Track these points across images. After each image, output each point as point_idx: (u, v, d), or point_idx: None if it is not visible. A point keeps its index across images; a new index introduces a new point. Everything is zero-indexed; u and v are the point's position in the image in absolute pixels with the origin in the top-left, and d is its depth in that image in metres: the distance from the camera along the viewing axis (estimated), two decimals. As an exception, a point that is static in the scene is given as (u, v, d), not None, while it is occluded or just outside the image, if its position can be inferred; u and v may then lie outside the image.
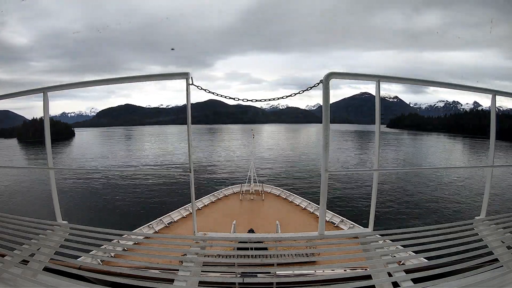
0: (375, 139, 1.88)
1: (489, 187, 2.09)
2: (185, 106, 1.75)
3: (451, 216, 13.40)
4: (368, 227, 1.93)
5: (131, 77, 1.89)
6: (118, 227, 2.00)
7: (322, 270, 2.29)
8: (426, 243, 1.71)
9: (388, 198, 15.82)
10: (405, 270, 1.47)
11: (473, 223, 1.99)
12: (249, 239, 1.90)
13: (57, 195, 2.07)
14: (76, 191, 18.34)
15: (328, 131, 1.76)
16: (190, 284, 1.43)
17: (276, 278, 1.93)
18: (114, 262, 2.91)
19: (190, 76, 1.71)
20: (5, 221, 2.04)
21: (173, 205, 12.97)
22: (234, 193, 9.42)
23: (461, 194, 17.64)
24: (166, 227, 6.61)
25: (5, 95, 2.12)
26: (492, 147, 2.08)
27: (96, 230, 1.89)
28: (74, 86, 2.02)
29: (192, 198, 1.87)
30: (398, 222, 12.38)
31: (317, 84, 1.80)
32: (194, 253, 1.70)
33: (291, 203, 8.41)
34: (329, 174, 1.78)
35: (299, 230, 5.91)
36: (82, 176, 21.48)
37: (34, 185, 19.41)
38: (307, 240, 1.91)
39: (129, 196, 17.12)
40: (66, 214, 2.10)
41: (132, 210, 14.46)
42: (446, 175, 21.44)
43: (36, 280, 1.46)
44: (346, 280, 1.41)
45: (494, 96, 2.02)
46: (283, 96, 2.04)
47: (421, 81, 1.92)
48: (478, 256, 1.58)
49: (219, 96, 2.06)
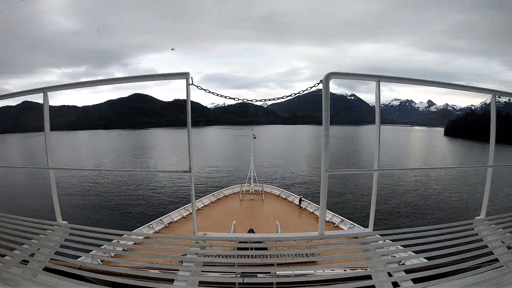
0: (375, 139, 1.88)
1: (489, 187, 2.08)
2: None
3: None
4: (368, 227, 1.93)
5: (131, 77, 1.90)
6: (118, 227, 2.00)
7: (322, 270, 2.29)
8: (426, 243, 1.70)
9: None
10: (405, 270, 1.47)
11: (473, 223, 1.99)
12: (249, 239, 1.90)
13: (57, 195, 2.06)
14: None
15: (328, 131, 1.75)
16: (190, 284, 1.42)
17: (276, 278, 1.93)
18: (114, 262, 2.91)
19: (190, 76, 1.71)
20: (5, 221, 2.03)
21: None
22: (234, 193, 9.42)
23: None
24: (166, 227, 6.61)
25: (5, 95, 2.12)
26: (492, 147, 2.08)
27: (96, 230, 1.89)
28: (74, 86, 2.02)
29: (192, 198, 1.87)
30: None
31: (317, 84, 1.79)
32: (194, 253, 1.70)
33: (291, 203, 8.41)
34: (329, 174, 1.78)
35: (299, 230, 5.90)
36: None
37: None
38: (307, 240, 1.91)
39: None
40: (66, 214, 2.10)
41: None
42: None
43: (36, 280, 1.45)
44: (346, 280, 1.41)
45: (494, 96, 2.02)
46: (282, 96, 2.04)
47: (420, 81, 1.92)
48: (478, 256, 1.58)
49: (219, 96, 2.06)
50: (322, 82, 1.71)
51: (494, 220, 2.02)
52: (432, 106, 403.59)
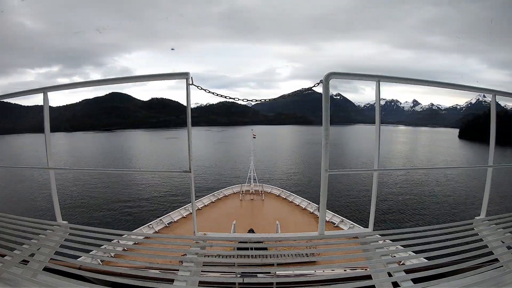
0: (375, 139, 1.88)
1: (489, 187, 2.09)
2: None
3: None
4: (368, 227, 1.93)
5: (131, 77, 1.90)
6: (118, 227, 2.00)
7: (322, 270, 2.29)
8: (426, 243, 1.71)
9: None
10: (405, 270, 1.47)
11: (473, 223, 1.99)
12: (249, 239, 1.90)
13: (57, 195, 2.07)
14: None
15: (328, 131, 1.76)
16: (190, 284, 1.42)
17: (276, 278, 1.93)
18: (114, 262, 2.91)
19: (190, 76, 1.71)
20: (5, 221, 2.04)
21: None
22: (234, 193, 9.42)
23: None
24: (166, 227, 6.61)
25: (5, 95, 2.12)
26: (492, 147, 2.08)
27: (96, 230, 1.89)
28: (74, 86, 2.03)
29: (192, 198, 1.87)
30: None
31: (317, 84, 1.80)
32: (194, 253, 1.70)
33: (291, 203, 8.41)
34: (329, 174, 1.78)
35: (299, 230, 5.91)
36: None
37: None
38: (307, 240, 1.91)
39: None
40: (66, 214, 2.10)
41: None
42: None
43: (36, 280, 1.46)
44: (346, 280, 1.41)
45: (494, 96, 2.02)
46: (282, 96, 2.04)
47: (421, 81, 1.92)
48: (478, 256, 1.58)
49: (218, 96, 2.06)
50: (322, 82, 1.71)
51: (494, 220, 2.02)
52: (417, 105, 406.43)
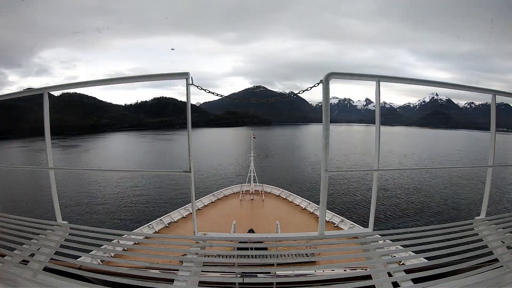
0: (375, 139, 1.88)
1: (489, 187, 2.09)
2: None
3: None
4: (368, 227, 1.93)
5: (131, 77, 1.90)
6: (118, 227, 2.00)
7: (322, 270, 2.29)
8: (426, 243, 1.71)
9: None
10: (405, 270, 1.47)
11: (473, 223, 1.99)
12: (249, 239, 1.90)
13: (57, 195, 2.07)
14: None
15: (328, 131, 1.76)
16: (190, 284, 1.42)
17: (276, 278, 1.93)
18: (114, 262, 2.91)
19: (190, 76, 1.71)
20: (5, 221, 2.04)
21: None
22: (234, 193, 9.42)
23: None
24: (166, 227, 6.61)
25: (5, 95, 2.12)
26: (492, 147, 2.08)
27: (96, 230, 1.89)
28: (74, 86, 2.03)
29: (192, 198, 1.87)
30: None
31: (317, 84, 1.80)
32: (194, 253, 1.70)
33: (291, 203, 8.41)
34: (329, 174, 1.78)
35: (299, 230, 5.91)
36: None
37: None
38: (307, 240, 1.91)
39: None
40: (66, 214, 2.10)
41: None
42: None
43: (36, 280, 1.46)
44: (346, 280, 1.41)
45: (494, 96, 2.02)
46: (281, 95, 2.04)
47: (420, 81, 1.92)
48: (478, 256, 1.58)
49: (218, 96, 2.06)
50: (322, 82, 1.71)
51: (494, 220, 2.02)
52: (370, 104, 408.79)
